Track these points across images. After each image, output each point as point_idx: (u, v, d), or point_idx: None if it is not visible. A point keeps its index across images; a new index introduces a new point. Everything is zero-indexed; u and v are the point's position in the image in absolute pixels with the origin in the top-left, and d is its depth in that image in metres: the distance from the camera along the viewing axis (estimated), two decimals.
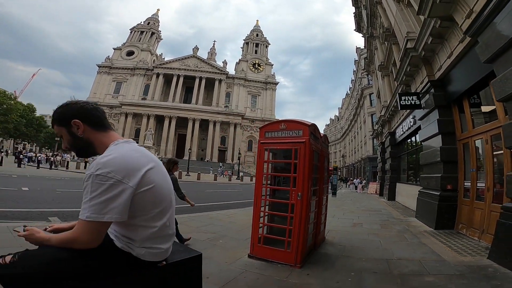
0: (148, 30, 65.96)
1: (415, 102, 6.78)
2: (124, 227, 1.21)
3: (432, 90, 6.34)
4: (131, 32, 66.17)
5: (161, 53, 67.14)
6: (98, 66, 60.35)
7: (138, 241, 1.22)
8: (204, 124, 57.06)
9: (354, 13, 23.43)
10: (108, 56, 62.08)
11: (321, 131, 4.01)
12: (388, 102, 13.36)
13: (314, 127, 3.50)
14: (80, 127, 1.24)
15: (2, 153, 29.31)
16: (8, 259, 1.09)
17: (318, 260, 3.55)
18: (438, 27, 5.43)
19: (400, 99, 6.90)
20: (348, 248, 4.21)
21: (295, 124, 3.33)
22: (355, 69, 51.84)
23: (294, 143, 3.25)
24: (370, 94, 33.80)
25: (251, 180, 38.17)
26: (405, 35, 7.23)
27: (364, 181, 25.24)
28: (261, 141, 3.51)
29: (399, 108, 7.34)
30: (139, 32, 65.59)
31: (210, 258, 3.37)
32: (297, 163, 3.22)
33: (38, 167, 23.62)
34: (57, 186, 11.09)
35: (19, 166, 22.46)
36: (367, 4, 15.56)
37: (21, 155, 26.17)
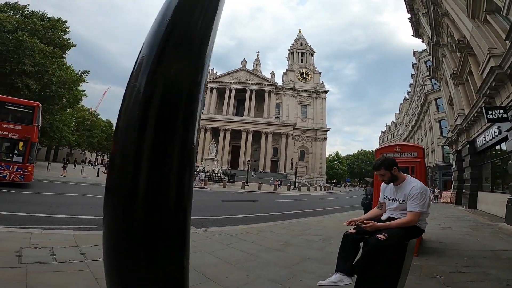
0: None
1: (502, 116, 7.19)
2: None
3: None
4: None
5: (213, 68, 71.16)
6: None
7: (423, 220, 2.39)
8: (256, 135, 58.62)
9: (409, 18, 23.15)
10: None
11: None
12: (466, 111, 13.19)
13: (423, 149, 4.64)
14: (395, 171, 2.43)
15: (99, 165, 35.20)
16: (382, 237, 2.10)
17: (427, 252, 4.50)
18: None
19: (487, 113, 7.38)
20: (449, 244, 5.09)
21: (410, 147, 4.54)
22: (413, 73, 48.67)
23: (411, 162, 4.42)
24: (436, 99, 31.23)
25: (308, 190, 38.20)
26: (487, 52, 7.71)
27: (438, 190, 23.54)
28: None
29: (486, 122, 7.76)
30: None
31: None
32: (414, 177, 4.38)
33: None
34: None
35: None
36: (430, 14, 15.63)
37: None
